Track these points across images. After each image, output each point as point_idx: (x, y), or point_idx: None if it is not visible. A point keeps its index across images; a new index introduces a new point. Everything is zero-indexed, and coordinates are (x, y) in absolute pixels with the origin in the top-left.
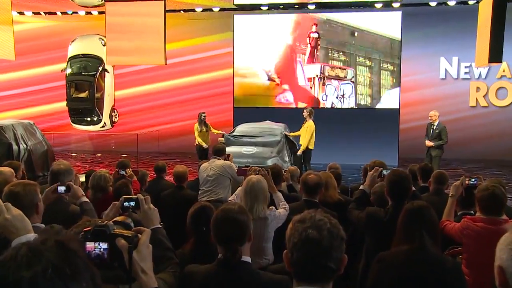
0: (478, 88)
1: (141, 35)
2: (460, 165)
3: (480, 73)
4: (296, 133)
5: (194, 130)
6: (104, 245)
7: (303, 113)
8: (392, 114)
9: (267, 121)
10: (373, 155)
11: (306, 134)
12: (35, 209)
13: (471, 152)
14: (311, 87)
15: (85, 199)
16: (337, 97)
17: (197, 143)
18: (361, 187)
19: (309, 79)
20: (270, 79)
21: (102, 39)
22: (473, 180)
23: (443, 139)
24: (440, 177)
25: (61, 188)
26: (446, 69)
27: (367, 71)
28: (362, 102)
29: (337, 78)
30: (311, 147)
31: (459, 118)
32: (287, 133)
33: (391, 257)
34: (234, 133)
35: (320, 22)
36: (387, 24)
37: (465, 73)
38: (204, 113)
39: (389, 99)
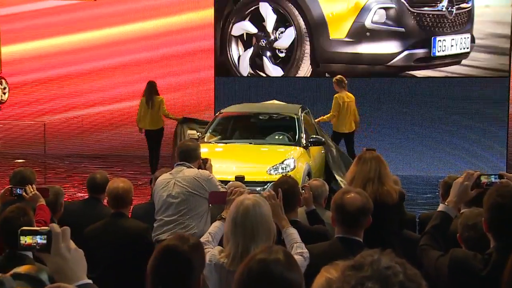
0: None
1: None
2: None
3: None
4: (326, 117)
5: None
6: None
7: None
8: (495, 86)
9: (274, 100)
10: (460, 160)
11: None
12: None
13: None
14: None
15: None
16: None
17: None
18: (440, 207)
19: None
20: None
21: None
22: None
23: None
24: None
25: None
26: None
27: None
28: None
29: None
30: (339, 129)
31: None
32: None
33: None
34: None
35: None
36: None
37: None
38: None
39: None
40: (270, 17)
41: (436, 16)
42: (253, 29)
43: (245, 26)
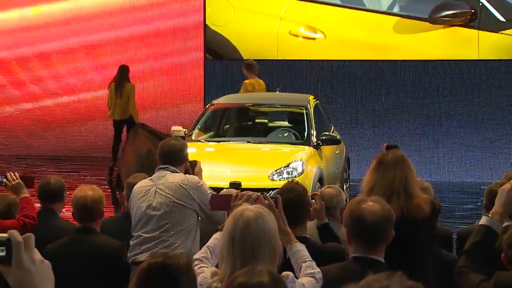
0: None
1: None
2: None
3: None
4: None
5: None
6: None
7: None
8: None
9: (277, 92)
10: (510, 163)
11: None
12: None
13: None
14: None
15: None
16: None
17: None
18: (482, 220)
19: None
20: None
21: None
22: None
23: None
24: None
25: None
26: None
27: None
28: None
29: None
30: None
31: None
32: None
33: None
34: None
35: None
36: None
37: None
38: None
39: None
40: None
41: None
42: None
43: None
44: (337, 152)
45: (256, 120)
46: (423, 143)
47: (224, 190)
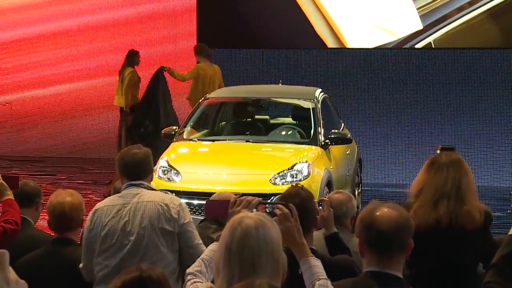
0: None
1: None
2: None
3: None
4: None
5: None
6: None
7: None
8: None
9: (280, 85)
10: None
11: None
12: None
13: None
14: None
15: None
16: None
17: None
18: None
19: None
20: None
21: None
22: None
23: None
24: None
25: None
26: None
27: None
28: None
29: None
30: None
31: None
32: None
33: None
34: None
35: None
36: None
37: None
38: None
39: None
40: None
41: None
42: None
43: None
44: (347, 152)
45: (256, 117)
46: (444, 142)
47: (216, 193)
